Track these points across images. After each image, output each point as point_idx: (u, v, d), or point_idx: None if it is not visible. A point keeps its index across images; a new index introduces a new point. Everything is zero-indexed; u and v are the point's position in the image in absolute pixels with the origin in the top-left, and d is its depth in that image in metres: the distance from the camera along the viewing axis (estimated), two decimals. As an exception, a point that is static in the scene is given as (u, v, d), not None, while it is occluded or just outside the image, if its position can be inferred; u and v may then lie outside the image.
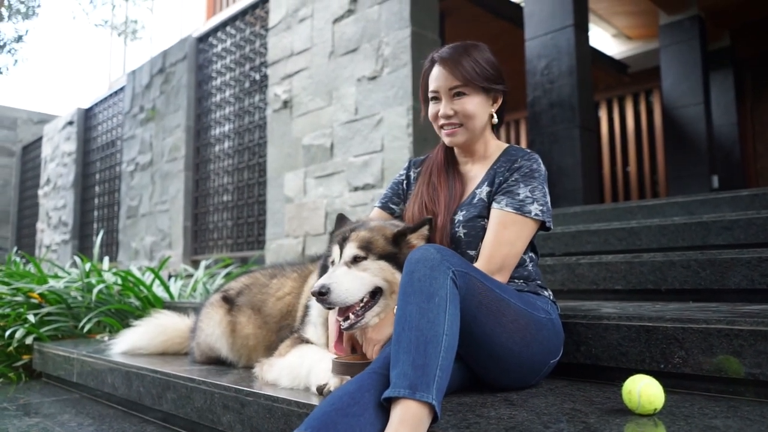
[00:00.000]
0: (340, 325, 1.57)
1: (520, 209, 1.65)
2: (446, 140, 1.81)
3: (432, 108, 1.80)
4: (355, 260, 1.60)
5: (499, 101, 1.81)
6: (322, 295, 1.50)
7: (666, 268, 2.28)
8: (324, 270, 1.71)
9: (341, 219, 1.86)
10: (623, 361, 1.65)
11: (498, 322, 1.46)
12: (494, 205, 1.69)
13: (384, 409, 1.25)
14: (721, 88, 7.68)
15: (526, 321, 1.52)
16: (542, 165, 1.74)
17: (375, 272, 1.59)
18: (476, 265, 1.60)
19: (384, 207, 1.98)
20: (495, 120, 1.82)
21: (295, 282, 2.18)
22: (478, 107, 1.75)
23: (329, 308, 1.60)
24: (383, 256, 1.61)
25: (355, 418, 1.21)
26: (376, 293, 1.60)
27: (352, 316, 1.56)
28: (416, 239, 1.68)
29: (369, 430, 1.21)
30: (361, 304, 1.58)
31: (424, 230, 1.70)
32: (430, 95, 1.81)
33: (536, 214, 1.66)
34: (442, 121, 1.78)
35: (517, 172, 1.70)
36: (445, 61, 1.75)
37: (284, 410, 1.61)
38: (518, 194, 1.67)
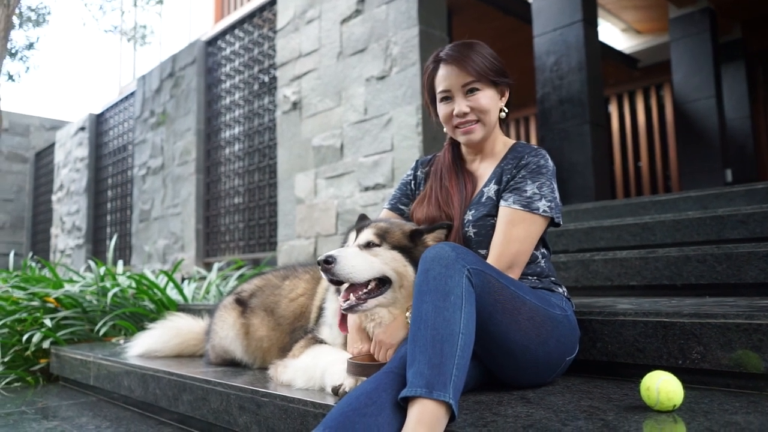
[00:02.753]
0: (341, 306, 1.58)
1: (528, 206, 1.63)
2: (462, 139, 1.79)
3: (444, 108, 1.77)
4: (369, 245, 1.62)
5: (507, 95, 1.80)
6: (327, 264, 1.51)
7: (681, 263, 2.26)
8: None
9: (363, 218, 1.87)
10: (640, 358, 1.63)
11: (514, 320, 1.46)
12: (502, 202, 1.68)
13: (401, 408, 1.25)
14: (733, 81, 7.60)
15: (542, 318, 1.51)
16: (550, 161, 1.72)
17: (386, 260, 1.60)
18: None
19: (393, 208, 1.97)
20: (504, 114, 1.81)
21: (307, 283, 2.18)
22: (491, 101, 1.74)
23: (332, 281, 1.59)
24: (397, 247, 1.63)
25: (373, 418, 1.21)
26: (384, 283, 1.61)
27: (352, 298, 1.57)
28: (432, 240, 1.69)
29: (386, 429, 1.21)
30: (366, 290, 1.58)
31: (441, 234, 1.70)
32: (439, 96, 1.78)
33: (544, 211, 1.64)
34: (457, 120, 1.75)
35: (525, 169, 1.69)
36: (455, 59, 1.73)
37: (300, 410, 1.61)
38: (526, 191, 1.65)
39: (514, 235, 1.62)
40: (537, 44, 5.62)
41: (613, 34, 8.36)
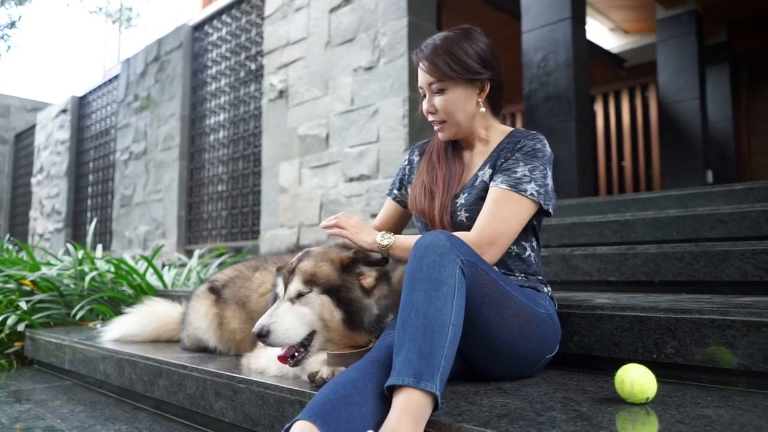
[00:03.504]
0: (287, 362, 1.59)
1: (515, 187, 1.61)
2: (438, 135, 1.81)
3: (422, 103, 1.79)
4: (299, 296, 1.58)
5: (487, 89, 1.74)
6: (262, 337, 1.51)
7: (660, 260, 2.29)
8: (275, 299, 1.69)
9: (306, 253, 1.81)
10: (616, 351, 1.65)
11: (500, 315, 1.45)
12: (491, 183, 1.67)
13: (385, 399, 1.24)
14: (717, 83, 7.68)
15: (527, 316, 1.51)
16: (548, 147, 1.70)
17: (315, 308, 1.57)
18: (466, 237, 1.57)
19: (391, 195, 1.99)
20: (482, 109, 1.75)
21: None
22: (460, 101, 1.71)
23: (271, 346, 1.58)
24: (327, 290, 1.58)
25: (358, 408, 1.21)
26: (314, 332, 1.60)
27: (297, 354, 1.58)
28: (369, 272, 1.63)
29: (369, 420, 1.21)
30: (301, 341, 1.57)
31: (380, 269, 1.65)
32: (419, 90, 1.80)
33: (531, 194, 1.61)
34: (429, 117, 1.77)
35: (519, 152, 1.67)
36: (425, 57, 1.72)
37: (277, 397, 1.61)
38: (516, 172, 1.63)
39: (497, 214, 1.59)
40: (525, 40, 5.62)
41: (601, 33, 8.40)
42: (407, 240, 1.62)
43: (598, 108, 9.04)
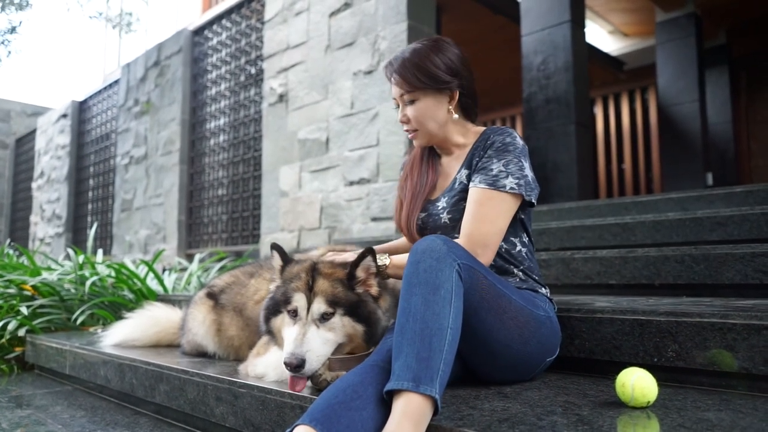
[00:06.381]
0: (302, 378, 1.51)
1: (494, 184, 1.61)
2: (414, 142, 1.85)
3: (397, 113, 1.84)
4: (324, 317, 1.52)
5: (456, 96, 1.75)
6: (299, 368, 1.42)
7: (660, 263, 2.29)
8: (274, 313, 1.62)
9: (281, 253, 1.72)
10: (617, 355, 1.65)
11: (498, 318, 1.46)
12: (471, 184, 1.68)
13: (384, 403, 1.24)
14: (716, 86, 7.69)
15: (525, 318, 1.51)
16: (518, 139, 1.69)
17: (339, 330, 1.54)
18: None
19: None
20: (455, 115, 1.77)
21: (270, 284, 2.15)
22: (430, 110, 1.73)
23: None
24: (348, 310, 1.54)
25: (357, 412, 1.21)
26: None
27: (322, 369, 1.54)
28: (362, 272, 1.59)
29: (369, 424, 1.21)
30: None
31: (367, 261, 1.59)
32: (393, 101, 1.84)
33: (512, 188, 1.61)
34: (403, 127, 1.81)
35: (491, 149, 1.68)
36: (394, 70, 1.75)
37: (277, 402, 1.61)
38: (492, 170, 1.64)
39: (483, 215, 1.60)
40: (524, 43, 5.63)
41: (600, 35, 8.42)
42: (401, 258, 1.64)
43: (598, 111, 9.05)
